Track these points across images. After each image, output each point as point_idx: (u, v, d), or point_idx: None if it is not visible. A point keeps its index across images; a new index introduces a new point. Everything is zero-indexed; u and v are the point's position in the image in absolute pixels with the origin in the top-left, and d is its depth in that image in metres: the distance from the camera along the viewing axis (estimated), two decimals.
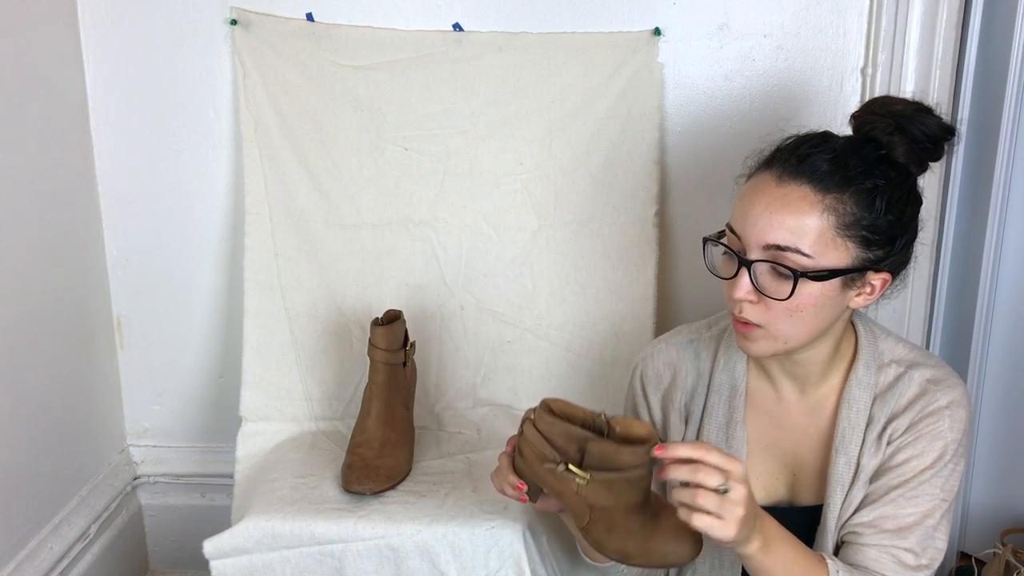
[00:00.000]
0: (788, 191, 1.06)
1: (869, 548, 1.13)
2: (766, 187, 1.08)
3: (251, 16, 1.71)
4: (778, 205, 1.06)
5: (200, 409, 1.94)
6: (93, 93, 1.77)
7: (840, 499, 1.16)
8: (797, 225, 1.05)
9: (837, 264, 1.07)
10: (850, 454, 1.16)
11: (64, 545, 1.71)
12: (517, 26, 1.70)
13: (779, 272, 1.06)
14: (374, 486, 1.49)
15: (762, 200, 1.07)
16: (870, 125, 1.10)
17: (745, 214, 1.08)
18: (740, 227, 1.09)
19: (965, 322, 1.77)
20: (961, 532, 1.87)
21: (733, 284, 1.09)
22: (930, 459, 1.12)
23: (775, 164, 1.09)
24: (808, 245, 1.05)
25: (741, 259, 1.08)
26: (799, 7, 1.67)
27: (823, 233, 1.05)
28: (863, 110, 1.14)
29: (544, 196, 1.73)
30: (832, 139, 1.11)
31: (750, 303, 1.08)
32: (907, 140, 1.09)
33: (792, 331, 1.09)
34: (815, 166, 1.06)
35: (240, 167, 1.76)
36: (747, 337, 1.11)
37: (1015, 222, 1.72)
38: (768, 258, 1.07)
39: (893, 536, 1.12)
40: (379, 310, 1.64)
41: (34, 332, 1.63)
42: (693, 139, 1.74)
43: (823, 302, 1.08)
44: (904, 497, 1.12)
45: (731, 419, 1.22)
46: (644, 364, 1.30)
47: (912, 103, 1.12)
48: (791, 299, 1.06)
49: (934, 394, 1.14)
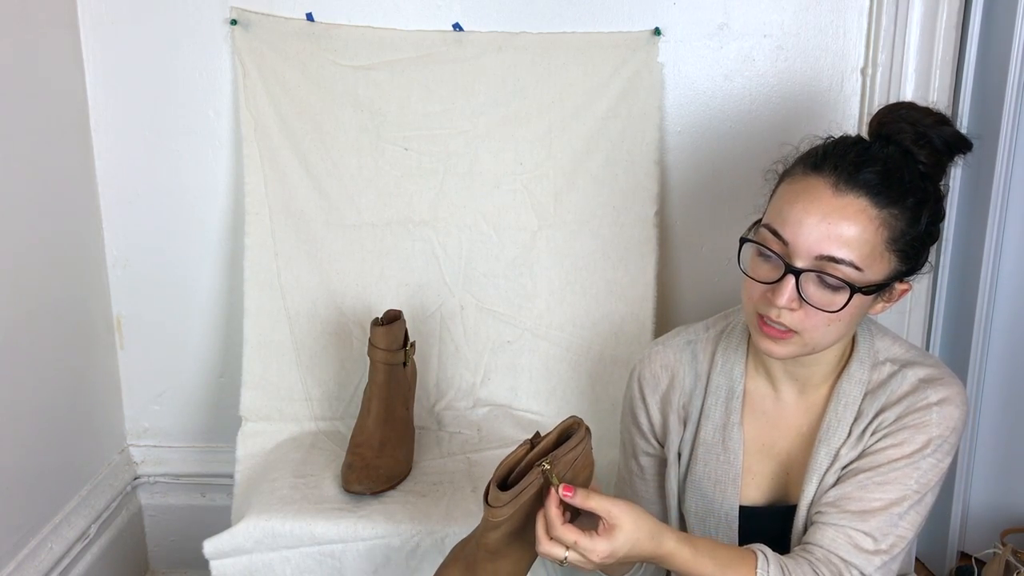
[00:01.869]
0: (847, 202, 1.04)
1: (827, 527, 1.11)
2: (821, 195, 1.05)
3: (251, 16, 1.71)
4: (837, 217, 1.03)
5: (200, 409, 1.94)
6: (93, 93, 1.77)
7: (814, 487, 1.15)
8: (853, 237, 1.03)
9: (880, 277, 1.06)
10: (832, 445, 1.15)
11: (64, 545, 1.71)
12: (517, 26, 1.70)
13: (827, 283, 1.05)
14: (374, 486, 1.49)
15: (818, 209, 1.04)
16: (900, 133, 1.08)
17: (799, 221, 1.05)
18: (791, 234, 1.05)
19: (965, 322, 1.77)
20: (961, 532, 1.87)
21: (774, 290, 1.06)
22: (910, 449, 1.11)
23: (826, 169, 1.06)
24: (861, 259, 1.04)
25: (789, 266, 1.05)
26: (799, 7, 1.67)
27: (875, 247, 1.04)
28: (891, 115, 1.11)
29: (544, 196, 1.73)
30: (873, 146, 1.08)
31: (790, 310, 1.07)
32: (932, 151, 1.08)
33: (825, 338, 1.09)
34: (870, 177, 1.04)
35: (240, 167, 1.76)
36: (777, 341, 1.09)
37: (1015, 222, 1.72)
38: (817, 268, 1.04)
39: (853, 518, 1.10)
40: (379, 310, 1.64)
41: (34, 332, 1.63)
42: (693, 139, 1.74)
43: (860, 312, 1.08)
44: (873, 481, 1.11)
45: (728, 421, 1.22)
46: (641, 367, 1.30)
47: (934, 112, 1.10)
48: (840, 311, 1.05)
49: (925, 391, 1.14)
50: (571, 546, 1.02)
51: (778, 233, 1.07)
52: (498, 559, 1.09)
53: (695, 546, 1.06)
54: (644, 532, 1.03)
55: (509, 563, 1.10)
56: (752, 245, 1.10)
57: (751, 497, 1.22)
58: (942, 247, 1.76)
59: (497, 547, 1.07)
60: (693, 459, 1.24)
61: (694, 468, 1.24)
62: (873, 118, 1.12)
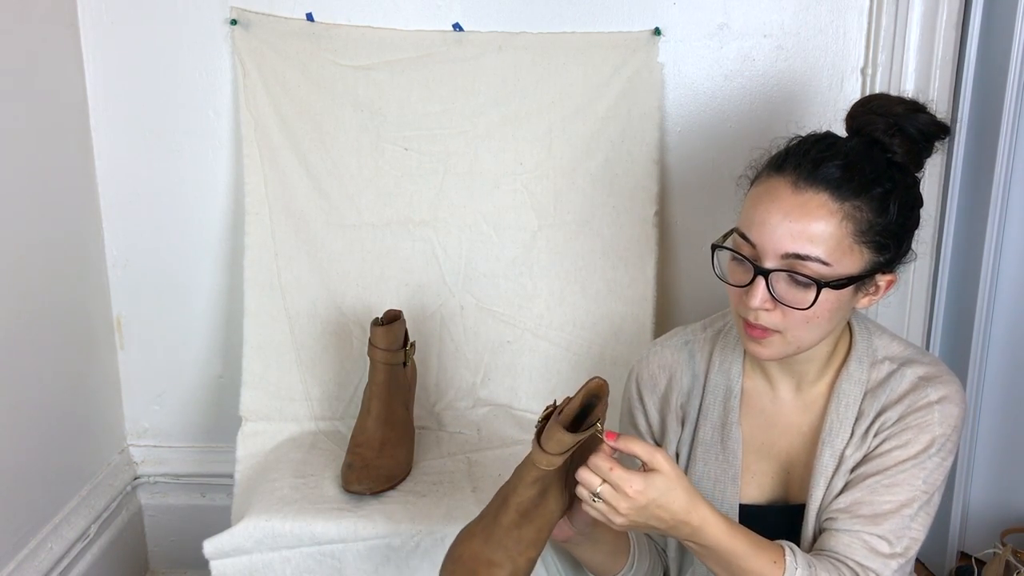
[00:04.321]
0: (806, 198, 1.04)
1: (842, 533, 1.12)
2: (782, 194, 1.06)
3: (251, 16, 1.71)
4: (797, 213, 1.04)
5: (200, 409, 1.94)
6: (93, 93, 1.77)
7: (822, 491, 1.16)
8: (817, 233, 1.04)
9: (852, 270, 1.06)
10: (836, 447, 1.16)
11: (64, 545, 1.71)
12: (517, 26, 1.70)
13: (797, 281, 1.05)
14: (374, 486, 1.49)
15: (779, 208, 1.05)
16: (870, 125, 1.10)
17: (762, 222, 1.06)
18: (756, 235, 1.07)
19: (965, 322, 1.77)
20: (961, 532, 1.87)
21: (747, 292, 1.07)
22: (915, 450, 1.12)
23: (787, 168, 1.07)
24: (827, 253, 1.04)
25: (757, 268, 1.06)
26: (799, 7, 1.67)
27: (841, 240, 1.04)
28: (861, 109, 1.12)
29: (544, 196, 1.73)
30: (839, 141, 1.10)
31: (766, 311, 1.07)
32: (906, 140, 1.09)
33: (807, 336, 1.10)
34: (830, 172, 1.05)
35: (240, 167, 1.76)
36: (760, 343, 1.11)
37: (1015, 222, 1.72)
38: (786, 267, 1.05)
39: (866, 522, 1.11)
40: (379, 310, 1.64)
41: (34, 332, 1.63)
42: (693, 139, 1.74)
43: (838, 307, 1.08)
44: (882, 484, 1.12)
45: (726, 420, 1.22)
46: (639, 368, 1.30)
47: (907, 101, 1.11)
48: (811, 308, 1.05)
49: (925, 389, 1.14)
50: (606, 477, 1.00)
51: (746, 236, 1.08)
52: (523, 525, 1.07)
53: (728, 521, 1.06)
54: (681, 486, 1.02)
55: (532, 530, 1.08)
56: (727, 251, 1.11)
57: (751, 495, 1.22)
58: (942, 247, 1.76)
59: (528, 507, 1.06)
60: (692, 459, 1.24)
61: (693, 468, 1.24)
62: (847, 114, 1.13)
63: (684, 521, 1.03)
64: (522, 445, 1.68)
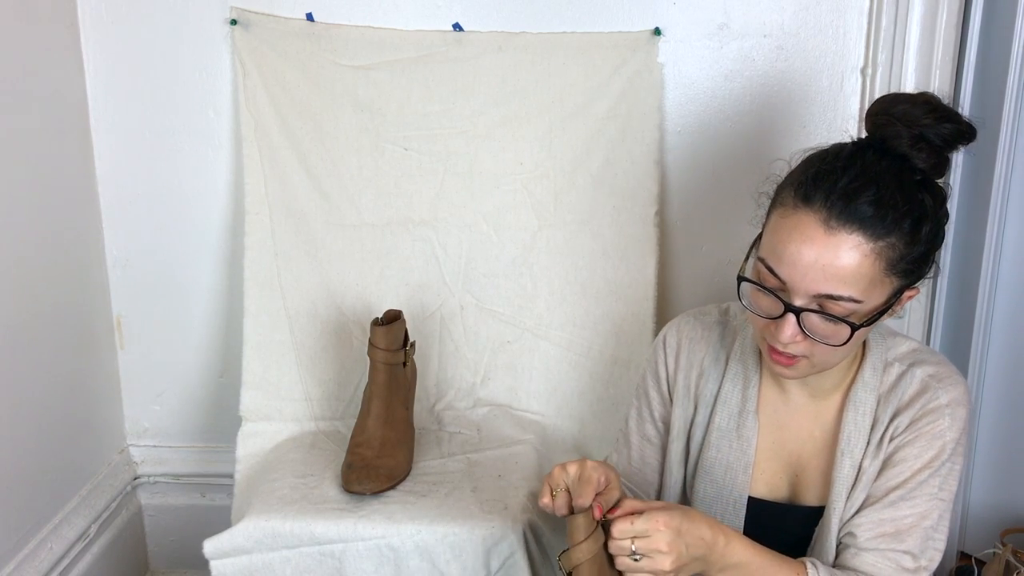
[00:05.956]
0: (839, 240, 1.01)
1: (867, 552, 1.13)
2: (813, 233, 1.01)
3: (251, 16, 1.71)
4: (830, 256, 1.01)
5: (200, 409, 1.94)
6: (93, 93, 1.77)
7: (843, 502, 1.16)
8: (850, 274, 1.01)
9: (882, 299, 1.05)
10: (855, 456, 1.16)
11: (64, 545, 1.71)
12: (517, 26, 1.70)
13: (829, 317, 1.04)
14: (374, 486, 1.49)
15: (811, 249, 1.01)
16: (896, 139, 1.05)
17: (792, 262, 1.03)
18: (787, 274, 1.04)
19: (965, 322, 1.77)
20: (961, 532, 1.87)
21: (776, 325, 1.06)
22: (928, 458, 1.12)
23: (815, 201, 1.02)
24: (860, 292, 1.02)
25: (788, 306, 1.04)
26: (799, 7, 1.67)
27: (873, 277, 1.03)
28: (885, 117, 1.07)
29: (544, 196, 1.73)
30: (867, 164, 1.04)
31: (795, 343, 1.06)
32: (932, 152, 1.06)
33: (835, 358, 1.10)
34: (863, 210, 1.01)
35: (240, 167, 1.76)
36: (787, 368, 1.10)
37: (1015, 222, 1.72)
38: (817, 307, 1.04)
39: (891, 540, 1.12)
40: (379, 310, 1.64)
41: (34, 332, 1.63)
42: (693, 139, 1.74)
43: (866, 333, 1.09)
44: (903, 499, 1.12)
45: (744, 408, 1.22)
46: (668, 332, 1.30)
47: (933, 106, 1.06)
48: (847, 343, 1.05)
49: (935, 391, 1.14)
50: (632, 533, 1.00)
51: (773, 270, 1.05)
52: None
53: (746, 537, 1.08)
54: (691, 509, 1.04)
55: None
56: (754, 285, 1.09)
57: (758, 491, 1.23)
58: (942, 247, 1.75)
59: None
60: (706, 444, 1.24)
61: (706, 454, 1.23)
62: (867, 114, 1.09)
63: (717, 535, 1.04)
64: (522, 445, 1.68)
